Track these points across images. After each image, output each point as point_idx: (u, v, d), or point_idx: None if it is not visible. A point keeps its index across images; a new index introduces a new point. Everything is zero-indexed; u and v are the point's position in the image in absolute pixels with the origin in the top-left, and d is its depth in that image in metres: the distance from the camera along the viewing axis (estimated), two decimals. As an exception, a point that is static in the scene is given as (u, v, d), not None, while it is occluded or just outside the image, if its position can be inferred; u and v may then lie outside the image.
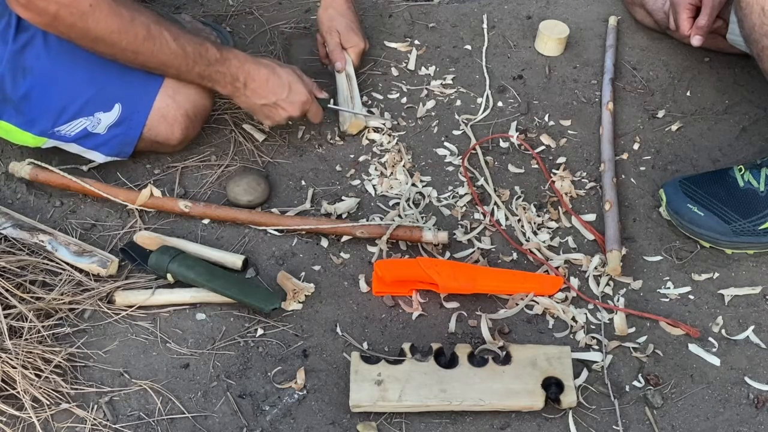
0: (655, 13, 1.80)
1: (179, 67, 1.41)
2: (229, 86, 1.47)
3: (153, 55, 1.38)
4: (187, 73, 1.43)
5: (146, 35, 1.35)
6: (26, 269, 1.35)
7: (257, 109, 1.51)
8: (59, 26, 1.30)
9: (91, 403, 1.23)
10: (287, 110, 1.51)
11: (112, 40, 1.33)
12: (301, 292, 1.37)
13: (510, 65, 1.83)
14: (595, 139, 1.67)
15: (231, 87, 1.47)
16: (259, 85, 1.48)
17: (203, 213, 1.47)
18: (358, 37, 1.70)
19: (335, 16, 1.71)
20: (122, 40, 1.34)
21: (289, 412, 1.24)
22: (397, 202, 1.52)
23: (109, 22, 1.31)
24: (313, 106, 1.54)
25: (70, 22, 1.29)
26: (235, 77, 1.46)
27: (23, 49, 1.39)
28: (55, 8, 1.26)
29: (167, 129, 1.48)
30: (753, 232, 1.41)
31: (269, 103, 1.49)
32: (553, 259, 1.44)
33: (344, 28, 1.70)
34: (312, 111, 1.55)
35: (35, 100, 1.42)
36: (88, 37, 1.32)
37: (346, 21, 1.70)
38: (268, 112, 1.51)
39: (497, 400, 1.22)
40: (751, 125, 1.70)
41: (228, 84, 1.46)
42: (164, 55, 1.39)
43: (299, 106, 1.52)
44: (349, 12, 1.71)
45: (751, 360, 1.32)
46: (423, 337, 1.33)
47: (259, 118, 1.54)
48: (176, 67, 1.41)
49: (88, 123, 1.45)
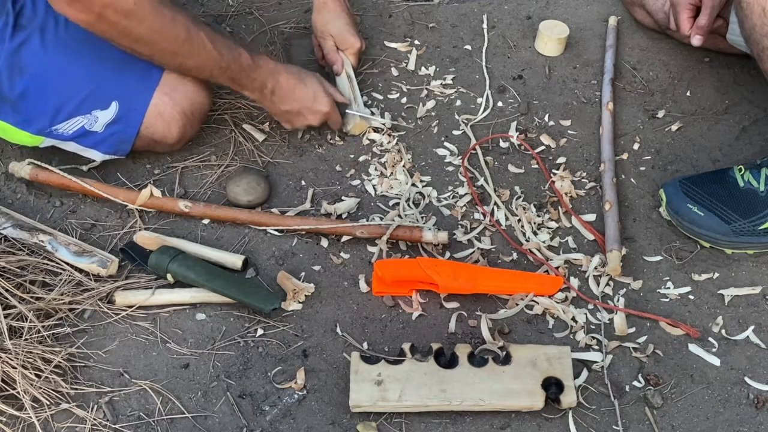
0: (655, 13, 1.80)
1: (213, 70, 1.42)
2: (257, 92, 1.49)
3: (190, 56, 1.39)
4: (219, 76, 1.44)
5: (186, 37, 1.36)
6: (26, 269, 1.35)
7: (280, 114, 1.55)
8: (102, 25, 1.29)
9: (91, 403, 1.23)
10: (309, 119, 1.55)
11: (152, 39, 1.33)
12: (301, 292, 1.37)
13: (510, 65, 1.83)
14: (595, 139, 1.67)
15: (259, 93, 1.49)
16: (286, 93, 1.51)
17: (203, 213, 1.47)
18: (354, 37, 1.69)
19: (329, 20, 1.71)
20: (162, 40, 1.34)
21: (289, 412, 1.24)
22: (397, 202, 1.52)
23: (151, 22, 1.31)
24: (334, 115, 1.58)
25: (114, 21, 1.28)
26: (263, 84, 1.48)
27: (20, 47, 1.39)
28: (99, 7, 1.26)
29: (164, 127, 1.48)
30: (753, 232, 1.41)
31: (293, 110, 1.53)
32: (553, 259, 1.44)
33: (338, 31, 1.70)
34: (332, 119, 1.58)
35: (32, 99, 1.42)
36: (130, 36, 1.32)
37: (339, 23, 1.70)
38: (290, 118, 1.55)
39: (497, 400, 1.22)
40: (751, 125, 1.70)
41: (256, 90, 1.49)
42: (201, 58, 1.40)
43: (321, 117, 1.56)
44: (343, 13, 1.71)
45: (751, 360, 1.32)
46: (423, 337, 1.33)
47: (280, 121, 1.58)
48: (210, 70, 1.42)
49: (86, 121, 1.45)
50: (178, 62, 1.40)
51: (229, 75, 1.44)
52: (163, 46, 1.36)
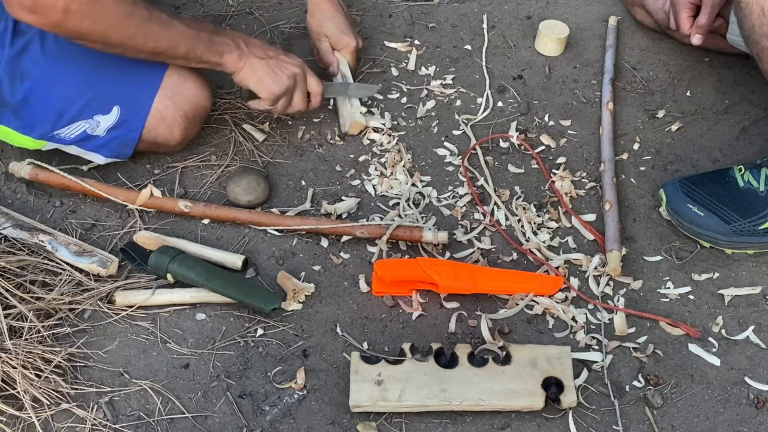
0: (655, 13, 1.80)
1: (188, 43, 1.40)
2: (235, 51, 1.45)
3: (162, 35, 1.36)
4: (196, 48, 1.41)
5: (149, 16, 1.34)
6: (26, 269, 1.35)
7: (263, 70, 1.48)
8: (70, 22, 1.27)
9: (91, 403, 1.23)
10: (290, 64, 1.51)
11: (121, 26, 1.32)
12: (301, 292, 1.37)
13: (510, 65, 1.83)
14: (595, 139, 1.67)
15: (237, 51, 1.46)
16: (259, 45, 1.50)
17: (203, 213, 1.47)
18: (349, 36, 1.69)
19: (322, 21, 1.70)
20: (131, 24, 1.32)
21: (289, 412, 1.24)
22: (397, 202, 1.52)
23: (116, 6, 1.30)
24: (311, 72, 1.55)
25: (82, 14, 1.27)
26: (236, 41, 1.47)
27: (21, 53, 1.39)
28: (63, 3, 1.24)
29: (166, 130, 1.48)
30: (753, 232, 1.41)
31: (273, 57, 1.50)
32: (553, 259, 1.44)
33: (333, 31, 1.69)
34: (311, 76, 1.55)
35: (34, 104, 1.42)
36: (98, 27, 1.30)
37: (333, 23, 1.70)
38: (272, 72, 1.49)
39: (497, 400, 1.22)
40: (751, 125, 1.70)
41: (234, 49, 1.45)
42: (171, 35, 1.38)
43: (299, 63, 1.53)
44: (337, 14, 1.70)
45: (751, 360, 1.32)
46: (423, 337, 1.33)
47: (265, 83, 1.49)
48: (186, 44, 1.40)
49: (87, 126, 1.45)
50: (151, 44, 1.36)
51: (205, 43, 1.41)
52: (133, 31, 1.33)
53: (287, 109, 1.54)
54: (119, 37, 1.33)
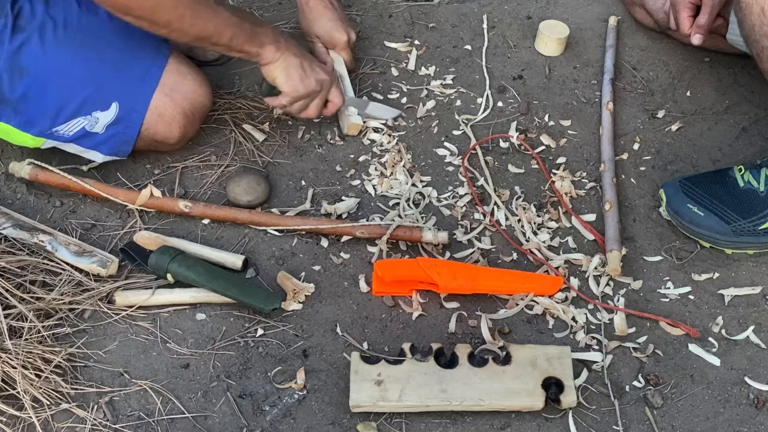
0: (655, 13, 1.80)
1: (232, 30, 1.40)
2: (274, 45, 1.46)
3: (208, 20, 1.36)
4: (239, 35, 1.41)
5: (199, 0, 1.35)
6: (26, 269, 1.35)
7: (295, 68, 1.49)
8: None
9: (91, 403, 1.23)
10: (320, 72, 1.52)
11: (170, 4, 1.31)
12: (301, 292, 1.37)
13: (510, 65, 1.83)
14: (595, 139, 1.67)
15: (275, 45, 1.46)
16: (295, 45, 1.51)
17: (203, 213, 1.47)
18: (340, 32, 1.69)
19: (312, 20, 1.71)
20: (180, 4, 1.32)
21: (289, 412, 1.24)
22: (397, 202, 1.52)
23: None
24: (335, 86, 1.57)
25: None
26: (276, 36, 1.47)
27: (19, 49, 1.39)
28: None
29: (165, 128, 1.48)
30: (753, 232, 1.41)
31: (306, 60, 1.51)
32: (553, 259, 1.44)
33: (324, 30, 1.69)
34: (335, 87, 1.56)
35: (33, 101, 1.42)
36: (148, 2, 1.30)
37: (322, 21, 1.69)
38: (304, 72, 1.50)
39: (497, 400, 1.22)
40: (751, 125, 1.70)
41: (273, 42, 1.46)
42: (217, 20, 1.37)
43: (329, 73, 1.55)
44: (325, 11, 1.70)
45: (751, 360, 1.32)
46: (423, 337, 1.33)
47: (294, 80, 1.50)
48: (230, 31, 1.39)
49: (86, 122, 1.45)
50: (198, 27, 1.36)
51: (247, 32, 1.42)
52: (181, 12, 1.33)
53: (301, 112, 1.55)
54: (168, 15, 1.33)
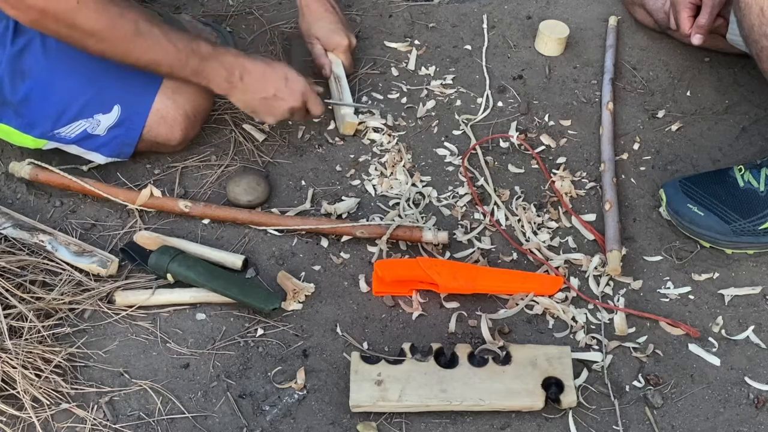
0: (655, 13, 1.80)
1: (172, 64, 1.38)
2: (224, 83, 1.43)
3: (144, 52, 1.35)
4: (180, 70, 1.39)
5: (135, 31, 1.32)
6: (26, 269, 1.35)
7: (256, 104, 1.48)
8: (48, 23, 1.27)
9: (91, 403, 1.23)
10: (287, 101, 1.48)
11: (101, 36, 1.31)
12: (301, 292, 1.37)
13: (510, 65, 1.83)
14: (595, 139, 1.67)
15: (227, 84, 1.43)
16: (256, 78, 1.45)
17: (203, 213, 1.47)
18: (340, 35, 1.68)
19: (312, 23, 1.70)
20: (112, 36, 1.31)
21: (289, 412, 1.24)
22: (397, 202, 1.52)
23: (97, 18, 1.29)
24: (312, 96, 1.52)
25: (59, 18, 1.26)
26: (230, 72, 1.43)
27: (21, 52, 1.39)
28: (42, 4, 1.24)
29: (167, 130, 1.48)
30: (753, 232, 1.41)
31: (268, 95, 1.47)
32: (553, 259, 1.44)
33: (323, 32, 1.69)
34: (311, 101, 1.52)
35: (34, 103, 1.42)
36: (76, 33, 1.30)
37: (322, 24, 1.69)
38: (268, 106, 1.48)
39: (497, 400, 1.22)
40: (751, 125, 1.70)
41: (223, 81, 1.43)
42: (155, 52, 1.36)
43: (299, 96, 1.49)
44: (326, 13, 1.70)
45: (751, 360, 1.32)
46: (423, 337, 1.33)
47: (260, 115, 1.51)
48: (169, 64, 1.38)
49: (88, 125, 1.45)
50: (133, 58, 1.36)
51: (192, 68, 1.39)
52: (115, 43, 1.32)
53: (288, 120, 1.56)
54: (98, 46, 1.33)
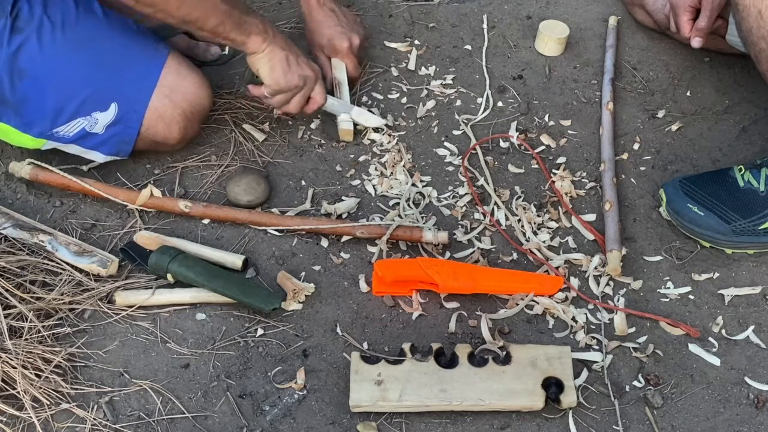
0: (655, 14, 1.80)
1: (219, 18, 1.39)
2: (261, 37, 1.46)
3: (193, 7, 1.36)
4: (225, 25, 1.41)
5: None
6: (26, 269, 1.35)
7: (280, 60, 1.49)
8: None
9: (91, 403, 1.23)
10: (305, 70, 1.52)
11: None
12: (301, 292, 1.37)
13: (510, 65, 1.83)
14: (595, 139, 1.67)
15: (262, 38, 1.46)
16: (284, 40, 1.50)
17: (203, 213, 1.47)
18: (340, 39, 1.68)
19: (314, 31, 1.71)
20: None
21: (289, 412, 1.24)
22: (397, 202, 1.52)
23: None
24: (321, 86, 1.56)
25: None
26: (266, 28, 1.47)
27: (18, 51, 1.39)
28: None
29: (165, 128, 1.49)
30: (753, 231, 1.41)
31: (292, 56, 1.50)
32: (553, 259, 1.44)
33: (325, 41, 1.69)
34: (318, 89, 1.56)
35: (32, 102, 1.42)
36: None
37: (324, 32, 1.69)
38: (288, 64, 1.49)
39: (497, 400, 1.22)
40: (751, 125, 1.70)
41: (261, 34, 1.46)
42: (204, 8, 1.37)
43: (314, 74, 1.54)
44: (327, 19, 1.70)
45: (751, 360, 1.32)
46: (423, 337, 1.33)
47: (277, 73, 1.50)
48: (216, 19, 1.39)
49: (86, 123, 1.45)
50: (181, 14, 1.37)
51: (233, 21, 1.41)
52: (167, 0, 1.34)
53: (281, 106, 1.54)
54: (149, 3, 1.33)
